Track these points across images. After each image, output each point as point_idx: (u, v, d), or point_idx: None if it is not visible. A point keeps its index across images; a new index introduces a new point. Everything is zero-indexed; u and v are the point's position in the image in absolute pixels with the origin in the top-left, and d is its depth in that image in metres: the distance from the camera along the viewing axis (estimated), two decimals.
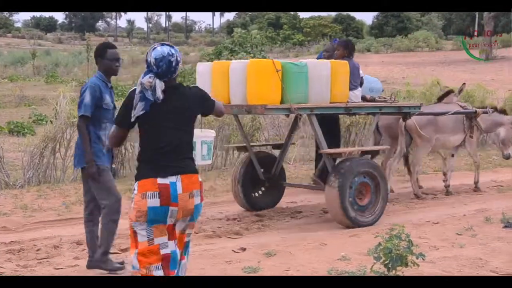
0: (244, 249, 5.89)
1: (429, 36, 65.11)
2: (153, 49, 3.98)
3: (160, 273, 3.84)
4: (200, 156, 5.01)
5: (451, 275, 4.86)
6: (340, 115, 8.89)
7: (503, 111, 9.46)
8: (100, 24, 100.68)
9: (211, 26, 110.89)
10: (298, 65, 7.01)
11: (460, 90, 9.38)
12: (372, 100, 7.88)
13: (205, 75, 7.42)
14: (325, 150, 7.10)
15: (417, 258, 4.53)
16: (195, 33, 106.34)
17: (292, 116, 7.59)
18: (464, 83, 9.73)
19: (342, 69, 7.27)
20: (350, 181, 6.83)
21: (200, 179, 3.99)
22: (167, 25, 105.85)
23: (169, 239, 3.91)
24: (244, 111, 7.18)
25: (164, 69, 3.91)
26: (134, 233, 3.91)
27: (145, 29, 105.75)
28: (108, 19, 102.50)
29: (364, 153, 7.52)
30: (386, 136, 8.88)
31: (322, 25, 74.30)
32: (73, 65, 39.67)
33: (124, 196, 8.35)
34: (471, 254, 5.46)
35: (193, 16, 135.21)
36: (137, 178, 3.93)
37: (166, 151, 3.90)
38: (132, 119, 3.90)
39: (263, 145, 9.27)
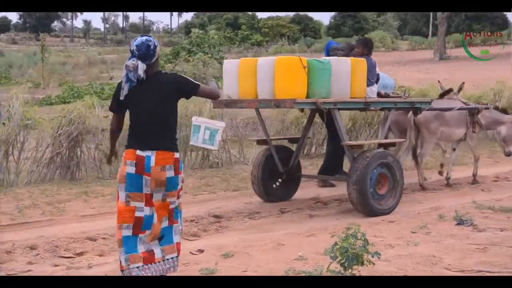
0: (201, 251, 5.87)
1: (385, 36, 65.95)
2: (134, 40, 4.71)
3: (128, 232, 4.53)
4: (202, 139, 5.54)
5: (405, 273, 4.91)
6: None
7: (504, 110, 9.95)
8: (55, 24, 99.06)
9: (169, 26, 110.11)
10: (322, 62, 7.48)
11: (460, 89, 9.84)
12: (387, 96, 8.51)
13: (232, 72, 7.87)
14: (347, 142, 7.73)
15: (372, 257, 4.57)
16: (153, 33, 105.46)
17: (306, 111, 8.38)
18: (463, 82, 10.13)
19: (361, 66, 7.76)
20: (370, 171, 7.33)
21: (176, 156, 4.63)
22: (124, 25, 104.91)
23: (145, 205, 4.57)
24: (272, 105, 7.70)
25: (144, 51, 4.61)
26: (118, 192, 4.64)
27: (102, 29, 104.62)
28: (64, 20, 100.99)
29: (380, 145, 8.05)
30: (395, 130, 9.43)
31: (280, 25, 74.53)
32: (27, 66, 38.94)
33: (81, 199, 8.33)
34: (425, 251, 5.53)
35: (151, 16, 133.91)
36: (126, 147, 4.69)
37: (145, 129, 4.62)
38: (121, 98, 4.65)
39: (280, 139, 9.54)
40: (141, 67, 4.59)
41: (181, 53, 23.35)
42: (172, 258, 4.70)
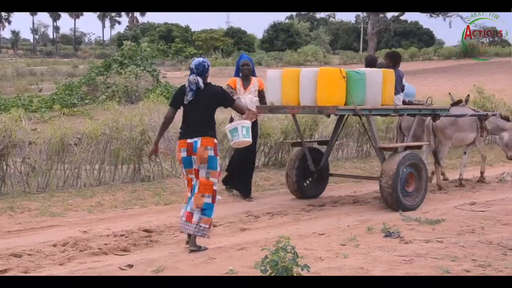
0: (131, 266, 5.79)
1: (318, 51, 66.99)
2: (193, 60, 6.66)
3: (190, 195, 6.53)
4: (242, 135, 7.18)
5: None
6: None
7: (506, 118, 10.97)
8: None
9: (101, 38, 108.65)
10: (359, 72, 8.31)
11: (466, 100, 10.72)
12: (410, 103, 9.39)
13: (275, 81, 8.74)
14: (380, 145, 8.83)
15: (302, 270, 4.63)
16: (84, 45, 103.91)
17: (333, 116, 9.45)
18: (469, 95, 11.16)
19: (390, 77, 8.71)
20: (401, 170, 8.23)
21: (215, 141, 6.49)
22: (54, 36, 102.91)
23: (195, 178, 6.50)
24: (316, 111, 8.55)
25: (200, 70, 6.57)
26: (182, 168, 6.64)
27: (31, 40, 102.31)
28: None
29: (407, 148, 8.79)
30: (408, 135, 9.75)
31: (213, 38, 74.72)
32: None
33: (6, 214, 8.09)
34: (354, 264, 5.61)
35: (83, 27, 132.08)
36: (179, 139, 6.61)
37: (194, 124, 6.48)
38: (185, 102, 6.53)
39: (310, 141, 10.56)
40: (200, 80, 6.51)
41: (113, 65, 23.03)
42: (204, 227, 6.44)
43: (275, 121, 12.29)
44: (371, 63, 9.60)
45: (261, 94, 9.28)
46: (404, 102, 9.29)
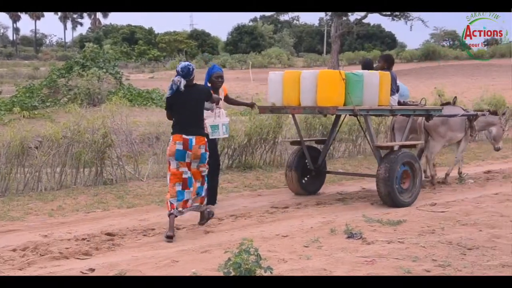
0: (93, 270, 5.72)
1: (282, 53, 67.29)
2: (179, 64, 7.39)
3: (179, 187, 7.22)
4: (222, 132, 8.47)
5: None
6: None
7: (494, 113, 11.56)
8: None
9: (63, 40, 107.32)
10: (357, 74, 8.73)
11: (454, 102, 11.27)
12: (405, 104, 9.76)
13: (277, 82, 9.19)
14: (376, 144, 9.23)
15: (265, 272, 4.63)
16: (45, 47, 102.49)
17: (330, 117, 10.26)
18: (456, 97, 11.81)
19: (386, 79, 9.12)
20: (397, 168, 8.65)
21: (206, 140, 7.34)
22: (14, 38, 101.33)
23: (188, 170, 7.27)
24: (316, 111, 9.02)
25: (185, 72, 7.25)
26: (169, 163, 7.31)
27: None
28: None
29: (402, 147, 9.23)
30: (400, 136, 10.18)
31: (177, 40, 74.48)
32: None
33: None
34: (316, 265, 5.64)
35: (43, 29, 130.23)
36: (172, 133, 7.32)
37: (186, 121, 7.27)
38: (167, 95, 7.38)
39: (310, 140, 10.83)
40: (183, 82, 7.19)
41: (75, 67, 22.74)
42: (196, 205, 7.44)
43: (239, 123, 12.31)
44: (367, 65, 9.95)
45: (227, 98, 9.36)
46: (399, 103, 9.66)
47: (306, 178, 9.88)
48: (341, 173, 11.10)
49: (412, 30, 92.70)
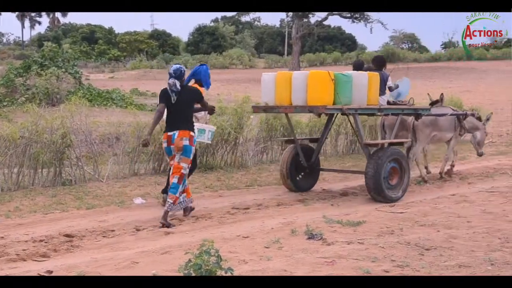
0: (50, 272, 5.64)
1: (243, 54, 67.31)
2: (171, 66, 7.99)
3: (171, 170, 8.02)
4: (207, 137, 8.98)
5: None
6: None
7: (478, 118, 11.76)
8: None
9: (21, 38, 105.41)
10: (346, 75, 9.10)
11: (441, 99, 11.44)
12: (395, 103, 10.15)
13: (269, 83, 9.61)
14: (365, 141, 9.64)
15: (225, 273, 4.62)
16: (2, 45, 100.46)
17: (323, 116, 10.65)
18: (442, 93, 11.85)
19: (375, 79, 9.48)
20: (385, 165, 8.97)
21: (192, 134, 7.91)
22: None
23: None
24: (307, 110, 9.52)
25: (178, 74, 7.91)
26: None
27: None
28: None
29: (390, 144, 9.64)
30: (390, 133, 10.54)
31: (138, 40, 73.86)
32: None
33: None
34: (277, 266, 5.66)
35: (1, 27, 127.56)
36: (163, 132, 8.03)
37: (175, 119, 7.88)
38: (173, 101, 7.90)
39: (303, 139, 11.04)
40: (177, 83, 7.85)
41: (33, 66, 22.34)
42: (169, 202, 7.82)
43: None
44: (358, 66, 10.47)
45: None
46: (389, 103, 10.10)
47: (300, 176, 10.20)
48: (334, 170, 11.46)
49: (372, 33, 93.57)
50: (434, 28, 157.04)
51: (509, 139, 17.42)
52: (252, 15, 67.40)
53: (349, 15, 51.12)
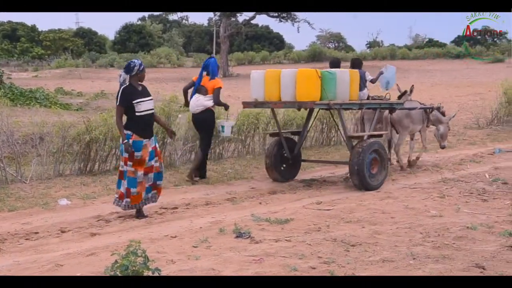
0: None
1: (171, 53, 66.81)
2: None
3: None
4: (229, 133, 10.50)
5: None
6: None
7: (443, 113, 12.48)
8: None
9: None
10: (331, 72, 9.77)
11: (411, 91, 12.16)
12: (374, 99, 11.17)
13: (259, 80, 10.20)
14: (349, 134, 10.52)
15: (153, 273, 4.59)
16: None
17: (303, 110, 11.32)
18: (413, 85, 12.58)
19: (356, 76, 10.35)
20: (366, 156, 9.73)
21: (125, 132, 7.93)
22: None
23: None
24: (296, 106, 10.14)
25: (125, 69, 7.96)
26: None
27: None
28: None
29: (370, 136, 10.34)
30: (369, 126, 11.15)
31: (62, 38, 72.26)
32: None
33: None
34: (205, 265, 5.66)
35: None
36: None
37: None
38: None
39: (286, 132, 11.66)
40: (124, 76, 7.94)
41: None
42: (115, 197, 8.16)
43: None
44: (335, 64, 11.55)
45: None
46: (369, 98, 11.16)
47: (283, 166, 10.89)
48: (316, 161, 12.17)
49: (300, 32, 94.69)
50: (359, 28, 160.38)
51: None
52: (180, 14, 66.86)
53: (276, 14, 51.47)
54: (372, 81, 11.77)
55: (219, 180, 10.79)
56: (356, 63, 12.02)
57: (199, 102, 10.61)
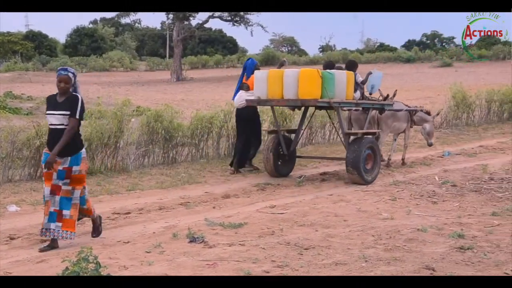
0: None
1: (124, 57, 66.26)
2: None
3: None
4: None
5: None
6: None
7: (428, 112, 13.22)
8: None
9: None
10: (331, 73, 10.56)
11: (394, 95, 12.63)
12: (367, 99, 12.12)
13: (262, 79, 10.88)
14: (346, 131, 11.20)
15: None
16: None
17: (299, 108, 12.02)
18: (396, 90, 13.18)
19: (351, 78, 11.03)
20: (362, 152, 10.49)
21: None
22: None
23: None
24: (299, 103, 10.96)
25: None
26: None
27: None
28: None
29: (364, 134, 11.04)
30: (356, 126, 12.29)
31: (12, 41, 70.80)
32: None
33: None
34: (158, 270, 5.62)
35: None
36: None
37: None
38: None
39: (283, 130, 12.21)
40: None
41: None
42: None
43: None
44: (329, 66, 11.92)
45: None
46: (362, 98, 12.00)
47: (280, 162, 11.56)
48: (311, 157, 13.00)
49: (253, 36, 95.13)
50: (312, 32, 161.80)
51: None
52: (132, 17, 66.34)
53: (229, 18, 51.50)
54: (362, 83, 12.27)
55: (173, 184, 10.73)
56: (351, 65, 12.47)
57: (242, 97, 11.73)
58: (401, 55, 63.60)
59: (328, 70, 10.79)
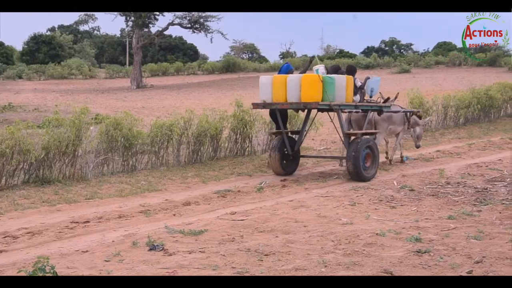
0: None
1: (83, 64, 65.55)
2: None
3: None
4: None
5: None
6: None
7: (419, 117, 14.37)
8: None
9: None
10: (331, 77, 11.49)
11: (395, 98, 13.84)
12: (366, 101, 12.80)
13: (267, 84, 11.98)
14: (346, 131, 12.03)
15: None
16: None
17: (301, 111, 13.45)
18: (398, 93, 14.65)
19: (351, 82, 11.95)
20: (361, 151, 11.41)
21: None
22: None
23: None
24: (302, 106, 11.74)
25: None
26: None
27: None
28: None
29: (363, 134, 12.02)
30: (355, 127, 13.03)
31: None
32: None
33: None
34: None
35: None
36: None
37: None
38: None
39: (287, 131, 12.89)
40: None
41: None
42: None
43: (35, 136, 11.72)
44: (334, 71, 12.66)
45: None
46: (360, 101, 12.51)
47: (285, 161, 12.43)
48: (314, 156, 13.96)
49: (213, 43, 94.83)
50: (272, 39, 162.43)
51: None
52: (91, 24, 65.68)
53: (189, 25, 51.39)
54: (361, 87, 12.68)
55: (133, 192, 10.64)
56: (350, 70, 12.93)
57: None
58: (360, 62, 64.18)
59: (329, 75, 11.69)
